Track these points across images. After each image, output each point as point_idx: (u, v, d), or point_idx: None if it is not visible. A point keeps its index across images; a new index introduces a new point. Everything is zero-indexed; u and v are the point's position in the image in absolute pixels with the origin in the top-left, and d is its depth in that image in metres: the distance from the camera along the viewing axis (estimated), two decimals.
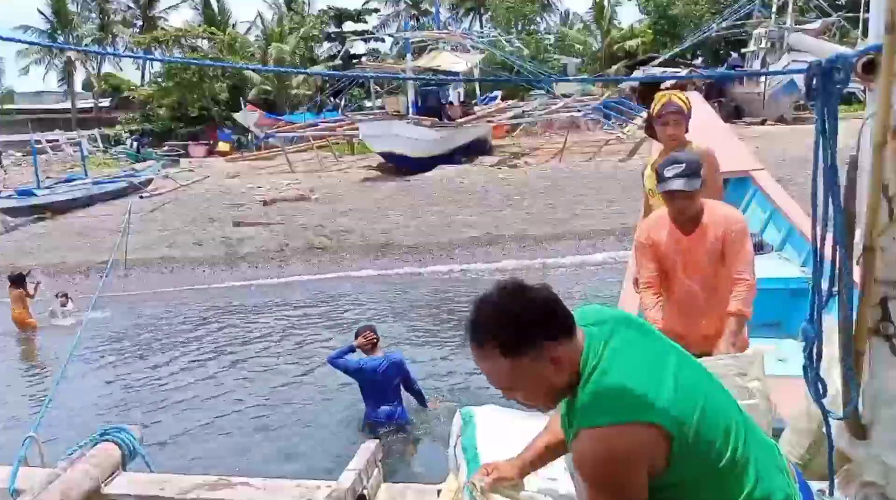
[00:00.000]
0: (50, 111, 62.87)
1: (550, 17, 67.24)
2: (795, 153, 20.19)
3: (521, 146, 35.23)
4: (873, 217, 2.59)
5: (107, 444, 4.19)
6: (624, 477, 2.10)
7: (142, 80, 64.35)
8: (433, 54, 39.63)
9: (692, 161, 4.45)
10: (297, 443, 8.70)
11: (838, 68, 2.63)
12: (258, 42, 59.45)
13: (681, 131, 5.37)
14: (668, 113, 5.35)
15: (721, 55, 51.05)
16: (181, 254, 20.51)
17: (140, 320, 15.30)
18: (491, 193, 24.83)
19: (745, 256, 4.52)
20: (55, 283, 17.16)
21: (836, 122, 2.62)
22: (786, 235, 8.47)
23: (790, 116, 38.17)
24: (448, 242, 20.08)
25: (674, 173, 4.39)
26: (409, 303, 15.32)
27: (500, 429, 3.42)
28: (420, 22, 60.32)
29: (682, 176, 4.38)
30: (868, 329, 2.61)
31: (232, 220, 23.11)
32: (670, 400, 2.10)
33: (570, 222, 20.48)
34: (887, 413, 2.53)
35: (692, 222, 4.55)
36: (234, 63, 49.02)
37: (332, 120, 40.81)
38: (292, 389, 10.64)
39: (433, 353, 11.60)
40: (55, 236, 22.90)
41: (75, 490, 3.76)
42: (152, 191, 29.13)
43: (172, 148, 45.20)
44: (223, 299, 16.80)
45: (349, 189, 27.46)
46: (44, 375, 12.16)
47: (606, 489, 2.12)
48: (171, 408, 10.12)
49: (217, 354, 12.70)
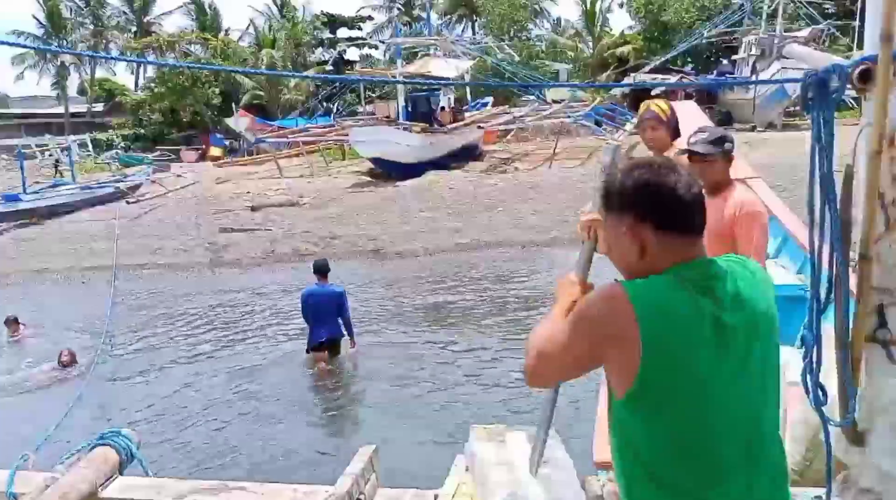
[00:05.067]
0: (43, 116, 62.62)
1: (542, 24, 67.40)
2: (785, 160, 20.22)
3: (512, 152, 35.25)
4: (869, 225, 2.61)
5: (104, 448, 4.19)
6: (578, 327, 2.17)
7: (135, 85, 64.39)
8: (424, 60, 39.63)
9: (716, 132, 4.84)
10: (295, 448, 8.72)
11: (834, 78, 2.65)
12: (251, 48, 59.38)
13: (658, 136, 5.56)
14: (645, 119, 5.57)
15: (711, 62, 51.17)
16: (165, 260, 20.43)
17: (134, 323, 15.23)
18: (480, 199, 24.83)
19: (754, 241, 4.53)
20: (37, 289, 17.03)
21: (832, 131, 2.64)
22: (781, 242, 8.51)
23: (780, 123, 38.27)
24: (437, 248, 20.06)
25: (698, 138, 4.70)
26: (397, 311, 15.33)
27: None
28: (412, 28, 60.33)
29: (703, 142, 4.67)
30: (865, 336, 2.63)
31: (219, 226, 23.03)
32: (663, 316, 2.08)
33: (560, 229, 20.48)
34: (884, 420, 2.55)
35: (712, 193, 4.61)
36: (228, 66, 48.92)
37: (324, 125, 40.78)
38: (291, 394, 10.66)
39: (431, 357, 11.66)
40: (40, 242, 22.80)
41: (72, 494, 3.76)
42: (139, 196, 29.03)
43: (164, 153, 45.06)
44: (215, 304, 16.75)
45: (338, 194, 27.39)
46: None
47: (571, 330, 2.20)
48: (169, 412, 10.12)
49: (214, 359, 12.67)
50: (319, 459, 8.21)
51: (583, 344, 2.17)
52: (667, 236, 2.16)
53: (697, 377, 2.09)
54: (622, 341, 2.07)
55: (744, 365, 2.15)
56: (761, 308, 2.21)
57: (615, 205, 2.23)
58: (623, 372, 2.11)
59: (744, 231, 4.52)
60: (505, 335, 12.77)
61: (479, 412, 8.99)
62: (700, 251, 2.21)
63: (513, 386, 10.14)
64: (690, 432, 2.12)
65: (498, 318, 13.99)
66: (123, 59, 69.03)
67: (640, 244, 2.17)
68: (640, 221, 2.16)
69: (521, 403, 9.26)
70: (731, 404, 2.13)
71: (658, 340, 2.04)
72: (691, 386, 2.09)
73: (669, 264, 2.16)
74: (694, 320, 2.08)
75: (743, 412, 2.16)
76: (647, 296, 2.09)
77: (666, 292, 2.10)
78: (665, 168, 2.19)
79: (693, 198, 2.17)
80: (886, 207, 2.58)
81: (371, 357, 12.00)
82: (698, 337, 2.08)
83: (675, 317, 2.07)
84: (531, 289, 15.80)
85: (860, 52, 2.75)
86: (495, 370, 10.95)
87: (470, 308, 14.88)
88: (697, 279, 2.14)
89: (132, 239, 21.38)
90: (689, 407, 2.11)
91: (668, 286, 2.11)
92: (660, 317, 2.06)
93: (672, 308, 2.08)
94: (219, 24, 64.08)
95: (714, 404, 2.12)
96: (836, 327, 2.65)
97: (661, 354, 2.05)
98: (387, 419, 9.42)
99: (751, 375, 2.17)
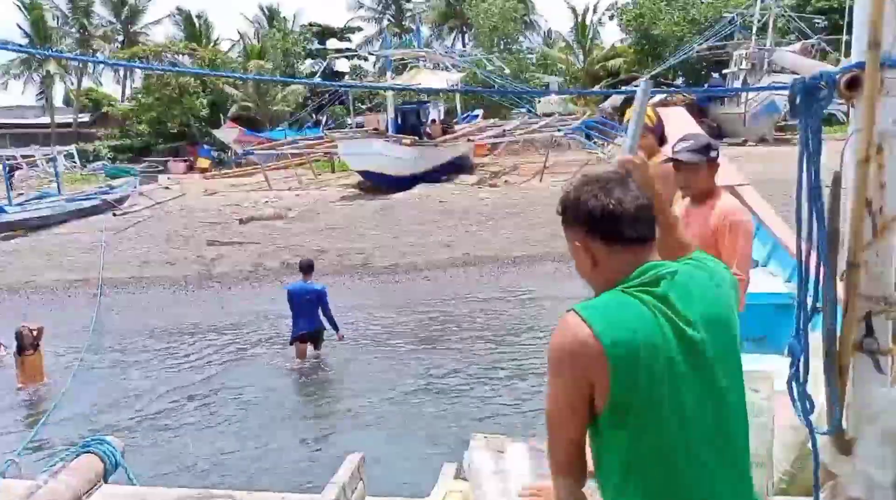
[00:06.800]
0: (28, 126, 62.24)
1: (533, 37, 67.63)
2: (775, 172, 20.19)
3: (503, 165, 35.28)
4: (857, 233, 2.61)
5: (88, 456, 4.17)
6: (556, 368, 2.21)
7: (122, 95, 64.10)
8: (413, 72, 39.69)
9: (701, 140, 4.83)
10: (281, 456, 8.71)
11: (822, 85, 2.65)
12: (240, 58, 59.31)
13: (644, 143, 5.55)
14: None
15: (702, 75, 51.35)
16: (153, 273, 20.33)
17: (120, 334, 15.16)
18: (471, 212, 24.83)
19: (737, 250, 4.55)
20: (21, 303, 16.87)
21: (819, 138, 2.64)
22: (771, 250, 8.53)
23: (771, 137, 38.45)
24: (425, 263, 20.01)
25: (682, 147, 4.72)
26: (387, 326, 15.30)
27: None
28: (402, 39, 60.46)
29: (688, 150, 4.68)
30: (852, 345, 2.62)
31: (206, 239, 22.95)
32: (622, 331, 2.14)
33: (550, 243, 20.45)
34: (872, 429, 2.54)
35: (698, 201, 4.74)
36: (217, 72, 48.85)
37: (312, 137, 40.75)
38: (277, 403, 10.67)
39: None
40: (25, 255, 22.61)
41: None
42: (126, 208, 28.88)
43: (152, 164, 44.89)
44: (201, 314, 16.70)
45: (327, 208, 27.31)
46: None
47: (550, 378, 2.24)
48: (153, 420, 10.11)
49: (199, 366, 12.69)
50: (306, 467, 8.19)
51: (566, 383, 2.21)
52: (614, 247, 2.28)
53: (661, 389, 2.15)
54: (592, 360, 2.13)
55: (704, 371, 2.21)
56: (716, 309, 2.29)
57: (569, 219, 2.36)
58: (597, 393, 2.17)
59: (728, 240, 4.55)
60: (495, 349, 12.80)
61: (468, 424, 8.97)
62: (650, 257, 2.32)
63: (503, 400, 10.17)
64: (655, 446, 2.19)
65: (488, 331, 14.00)
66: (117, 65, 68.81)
67: (592, 256, 2.31)
68: (589, 235, 2.30)
69: (516, 419, 9.29)
70: (695, 414, 2.20)
71: (621, 357, 2.11)
72: (656, 399, 2.16)
73: (621, 273, 2.27)
74: (652, 331, 2.16)
75: (708, 421, 2.22)
76: (602, 315, 2.17)
77: (620, 310, 2.19)
78: (611, 182, 2.31)
79: (636, 209, 2.27)
80: (874, 215, 2.58)
81: (359, 368, 12.07)
82: (658, 347, 2.15)
83: (634, 334, 2.14)
84: (523, 302, 15.81)
85: (847, 60, 2.75)
86: (485, 384, 11.00)
87: (460, 322, 14.87)
88: (649, 285, 2.23)
89: (119, 252, 21.28)
90: (653, 421, 2.17)
91: (620, 302, 2.21)
92: (620, 334, 2.13)
93: (629, 325, 2.16)
94: (209, 35, 63.97)
95: (677, 415, 2.18)
96: (824, 335, 2.65)
97: (626, 370, 2.12)
98: (375, 429, 9.44)
99: (711, 380, 2.23)
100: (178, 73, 52.86)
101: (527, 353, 12.09)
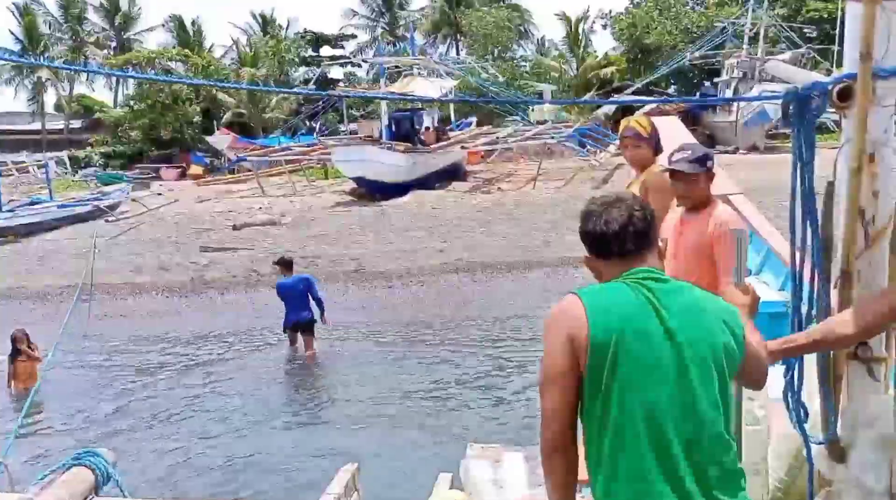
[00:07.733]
0: (19, 132, 61.88)
1: (527, 45, 67.73)
2: (766, 180, 20.22)
3: (496, 172, 35.29)
4: (850, 242, 2.62)
5: (80, 468, 4.12)
6: (548, 341, 2.51)
7: (114, 101, 63.80)
8: (407, 80, 39.72)
9: (698, 150, 4.84)
10: (275, 467, 8.64)
11: (815, 95, 2.67)
12: (233, 65, 59.19)
13: (639, 153, 5.63)
14: (625, 137, 5.71)
15: (695, 84, 51.47)
16: (145, 280, 20.24)
17: (111, 344, 15.09)
18: (464, 219, 24.82)
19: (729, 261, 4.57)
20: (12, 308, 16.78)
21: (812, 147, 2.66)
22: (764, 258, 8.53)
23: (763, 145, 38.54)
24: (419, 269, 19.98)
25: (680, 157, 4.71)
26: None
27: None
28: (396, 47, 60.47)
29: (685, 161, 4.68)
30: (846, 353, 2.63)
31: (199, 245, 22.88)
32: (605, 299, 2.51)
33: (543, 251, 20.46)
34: (866, 436, 2.55)
35: (695, 210, 4.77)
36: (212, 81, 48.71)
37: (306, 144, 40.74)
38: (270, 412, 10.59)
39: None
40: (17, 260, 22.49)
41: None
42: (119, 214, 28.82)
43: (143, 171, 44.73)
44: (193, 319, 16.66)
45: (321, 214, 27.30)
46: None
47: (543, 345, 2.55)
48: (145, 432, 10.02)
49: (192, 373, 12.65)
50: (300, 477, 8.14)
51: (555, 349, 2.48)
52: (610, 260, 2.63)
53: (638, 364, 2.41)
54: (578, 331, 2.43)
55: (679, 361, 2.42)
56: (696, 320, 2.49)
57: (583, 242, 2.71)
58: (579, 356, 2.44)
59: (723, 249, 4.56)
60: (489, 356, 12.77)
61: (462, 433, 8.95)
62: (644, 265, 2.60)
63: (498, 407, 10.16)
64: (629, 411, 2.41)
65: (482, 338, 13.98)
66: (109, 74, 68.62)
67: (597, 271, 2.70)
68: (591, 253, 2.69)
69: (511, 427, 9.25)
70: (670, 393, 2.41)
71: (604, 326, 2.42)
72: (631, 366, 2.41)
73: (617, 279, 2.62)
74: (635, 307, 2.47)
75: (684, 406, 2.41)
76: (594, 292, 2.56)
77: (611, 291, 2.55)
78: (606, 204, 2.64)
79: (624, 226, 2.58)
80: (867, 224, 2.59)
81: (352, 376, 12.02)
82: (641, 328, 2.43)
83: (618, 307, 2.47)
84: (516, 309, 15.77)
85: (839, 71, 2.76)
86: (480, 391, 10.97)
87: (453, 328, 14.84)
88: (640, 279, 2.53)
89: (111, 258, 21.16)
90: (627, 391, 2.41)
91: (614, 286, 2.56)
92: (605, 307, 2.47)
93: (615, 300, 2.49)
94: (202, 42, 63.81)
95: (653, 391, 2.40)
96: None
97: (606, 338, 2.41)
98: (369, 437, 9.36)
99: (685, 375, 2.42)
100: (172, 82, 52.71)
101: (521, 360, 12.08)
